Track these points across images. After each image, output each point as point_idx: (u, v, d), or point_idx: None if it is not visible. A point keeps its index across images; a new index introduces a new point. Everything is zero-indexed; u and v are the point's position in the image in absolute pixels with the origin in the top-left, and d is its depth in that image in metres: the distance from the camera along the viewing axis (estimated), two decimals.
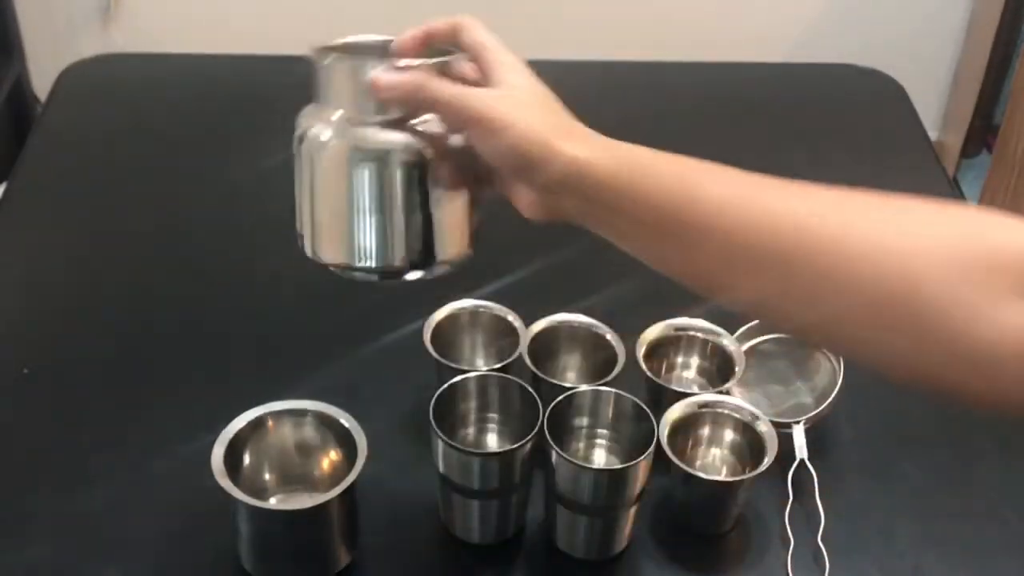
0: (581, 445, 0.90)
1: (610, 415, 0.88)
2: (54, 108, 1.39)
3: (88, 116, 1.39)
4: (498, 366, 0.92)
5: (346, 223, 0.71)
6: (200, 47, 1.61)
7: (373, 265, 0.72)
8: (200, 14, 2.39)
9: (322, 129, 0.71)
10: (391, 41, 0.77)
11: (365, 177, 0.70)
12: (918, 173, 1.35)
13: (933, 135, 2.51)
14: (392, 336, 1.01)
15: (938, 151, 1.45)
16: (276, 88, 1.45)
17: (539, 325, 0.95)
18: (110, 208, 1.24)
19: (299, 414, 0.85)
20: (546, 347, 0.95)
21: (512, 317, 0.96)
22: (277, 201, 1.25)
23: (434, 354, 0.92)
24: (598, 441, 0.90)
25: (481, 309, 0.97)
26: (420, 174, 0.70)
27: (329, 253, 0.73)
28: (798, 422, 0.93)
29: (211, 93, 1.43)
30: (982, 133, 2.50)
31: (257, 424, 0.84)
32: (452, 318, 0.96)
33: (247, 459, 0.84)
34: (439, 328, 0.95)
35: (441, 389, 0.85)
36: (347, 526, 0.83)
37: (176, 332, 1.07)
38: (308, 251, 0.73)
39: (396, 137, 0.69)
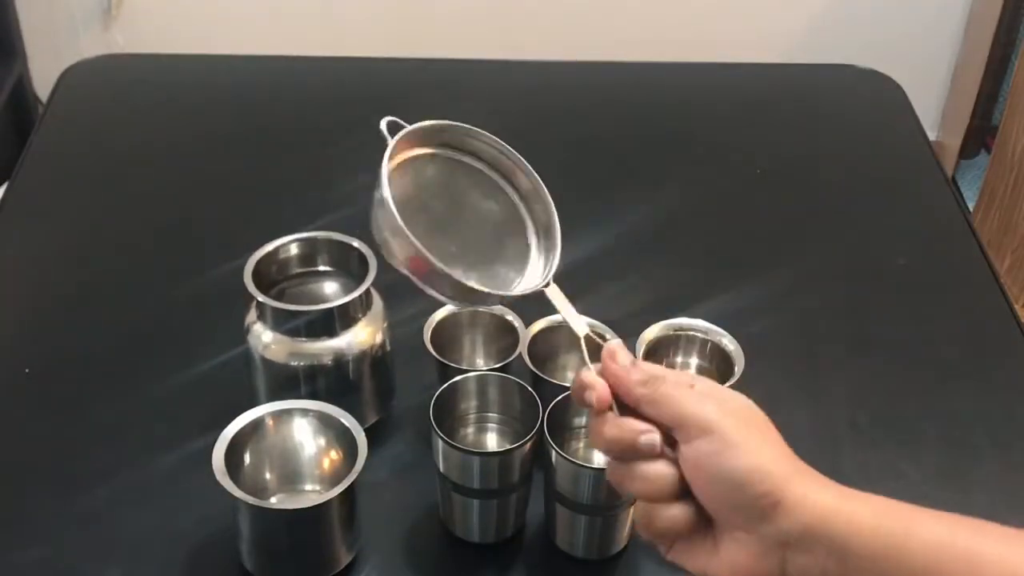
0: (581, 445, 0.90)
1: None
2: (55, 109, 1.39)
3: (89, 116, 1.39)
4: (498, 366, 0.92)
5: None
6: (200, 47, 1.62)
7: None
8: (200, 14, 2.39)
9: None
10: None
11: None
12: (917, 173, 1.35)
13: (932, 135, 2.51)
14: (390, 335, 1.01)
15: (937, 151, 1.45)
16: (277, 88, 1.46)
17: (539, 325, 0.95)
18: (110, 208, 1.24)
19: (299, 414, 0.86)
20: (546, 347, 0.95)
21: (512, 317, 0.96)
22: (277, 201, 1.26)
23: (434, 354, 0.92)
24: None
25: (481, 309, 0.97)
26: None
27: None
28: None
29: (212, 93, 1.43)
30: (980, 133, 2.50)
31: (257, 424, 0.84)
32: (452, 318, 0.96)
33: (247, 459, 0.84)
34: (439, 328, 0.95)
35: (441, 389, 0.85)
36: (347, 526, 0.83)
37: (176, 332, 1.07)
38: None
39: None
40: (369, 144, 0.72)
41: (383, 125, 0.71)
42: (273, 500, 0.86)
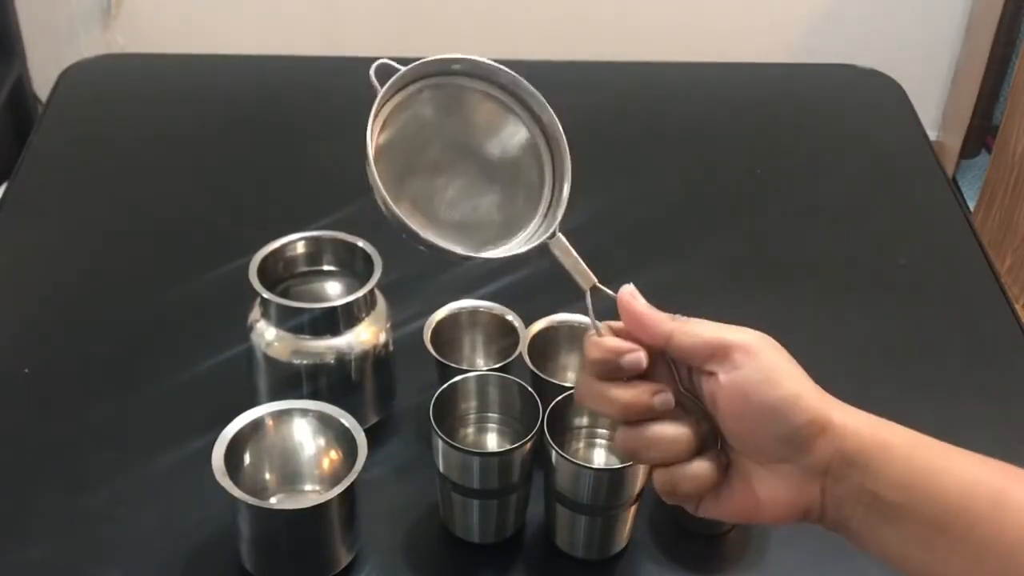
0: (581, 445, 0.90)
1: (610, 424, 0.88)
2: (55, 108, 1.39)
3: (89, 116, 1.39)
4: (498, 366, 0.92)
5: None
6: (200, 47, 1.62)
7: None
8: (200, 14, 2.39)
9: None
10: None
11: None
12: (917, 173, 1.35)
13: (932, 135, 2.51)
14: (392, 336, 1.01)
15: (937, 151, 1.45)
16: (276, 88, 1.46)
17: (539, 325, 0.95)
18: (110, 208, 1.24)
19: (299, 414, 0.86)
20: (546, 347, 0.95)
21: (512, 317, 0.96)
22: (278, 201, 1.26)
23: (434, 354, 0.92)
24: (598, 441, 0.90)
25: (481, 309, 0.97)
26: None
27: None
28: None
29: (211, 93, 1.43)
30: (981, 133, 2.51)
31: (257, 424, 0.84)
32: (452, 318, 0.96)
33: (247, 459, 0.84)
34: (439, 328, 0.95)
35: (441, 389, 0.85)
36: (347, 526, 0.83)
37: (176, 332, 1.07)
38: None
39: None
40: None
41: (372, 72, 0.68)
42: (273, 500, 0.86)
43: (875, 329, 1.12)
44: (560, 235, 0.66)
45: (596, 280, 0.66)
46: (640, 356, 0.61)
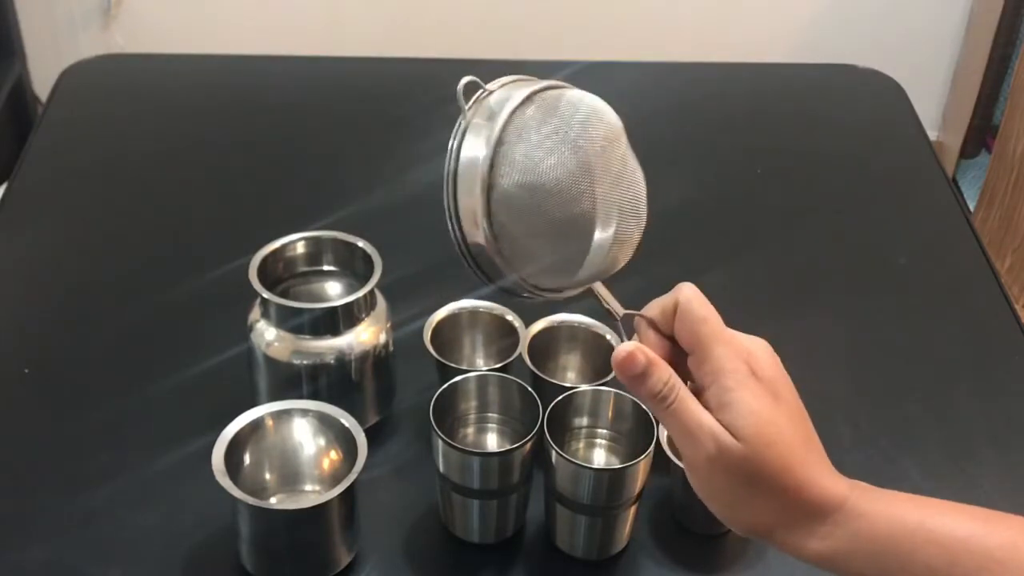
0: (581, 445, 0.90)
1: (610, 415, 0.88)
2: (55, 108, 1.39)
3: (89, 116, 1.39)
4: (498, 366, 0.92)
5: None
6: (201, 47, 1.62)
7: None
8: (200, 14, 2.39)
9: None
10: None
11: None
12: (917, 173, 1.35)
13: (932, 135, 2.51)
14: (392, 336, 1.01)
15: (937, 151, 1.45)
16: (276, 88, 1.46)
17: (539, 325, 0.95)
18: (110, 208, 1.24)
19: (299, 414, 0.86)
20: (546, 347, 0.95)
21: (512, 317, 0.96)
22: (277, 201, 1.26)
23: (434, 354, 0.92)
24: (598, 441, 0.90)
25: (481, 309, 0.97)
26: None
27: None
28: None
29: (211, 93, 1.43)
30: (981, 133, 2.50)
31: (257, 424, 0.84)
32: (452, 318, 0.96)
33: (247, 459, 0.84)
34: (439, 328, 0.95)
35: (441, 389, 0.85)
36: (347, 526, 0.83)
37: (176, 332, 1.07)
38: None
39: None
40: (370, 143, 0.72)
41: (460, 87, 0.64)
42: (273, 500, 0.86)
43: (875, 329, 1.12)
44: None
45: (625, 310, 0.66)
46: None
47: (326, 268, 0.96)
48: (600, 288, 0.66)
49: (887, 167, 1.36)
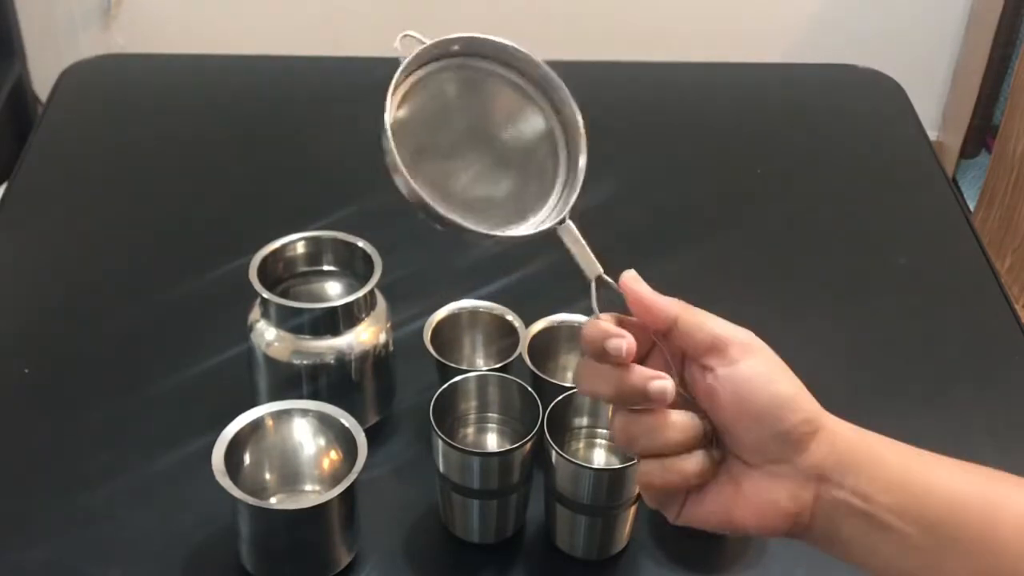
0: (581, 445, 0.90)
1: (610, 415, 0.88)
2: (55, 109, 1.39)
3: (89, 116, 1.39)
4: (498, 366, 0.92)
5: None
6: (200, 47, 1.62)
7: None
8: (200, 14, 2.39)
9: None
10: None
11: None
12: (917, 173, 1.35)
13: (932, 135, 2.51)
14: (392, 336, 1.01)
15: (937, 151, 1.45)
16: (277, 88, 1.46)
17: (539, 325, 0.95)
18: (110, 208, 1.24)
19: (299, 414, 0.86)
20: (546, 347, 0.95)
21: (512, 317, 0.96)
22: (278, 201, 1.26)
23: (434, 354, 0.92)
24: (598, 441, 0.90)
25: (481, 309, 0.97)
26: None
27: None
28: None
29: (211, 93, 1.43)
30: (981, 133, 2.50)
31: (257, 424, 0.84)
32: (452, 318, 0.96)
33: (247, 459, 0.84)
34: (439, 328, 0.95)
35: (441, 389, 0.85)
36: (347, 526, 0.83)
37: (176, 332, 1.07)
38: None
39: None
40: (371, 143, 0.72)
41: (398, 43, 0.66)
42: (273, 500, 0.86)
43: (875, 329, 1.12)
44: (570, 222, 0.66)
45: (602, 271, 0.65)
46: (621, 343, 0.60)
47: (326, 268, 0.96)
48: (570, 239, 0.65)
49: (887, 167, 1.36)
